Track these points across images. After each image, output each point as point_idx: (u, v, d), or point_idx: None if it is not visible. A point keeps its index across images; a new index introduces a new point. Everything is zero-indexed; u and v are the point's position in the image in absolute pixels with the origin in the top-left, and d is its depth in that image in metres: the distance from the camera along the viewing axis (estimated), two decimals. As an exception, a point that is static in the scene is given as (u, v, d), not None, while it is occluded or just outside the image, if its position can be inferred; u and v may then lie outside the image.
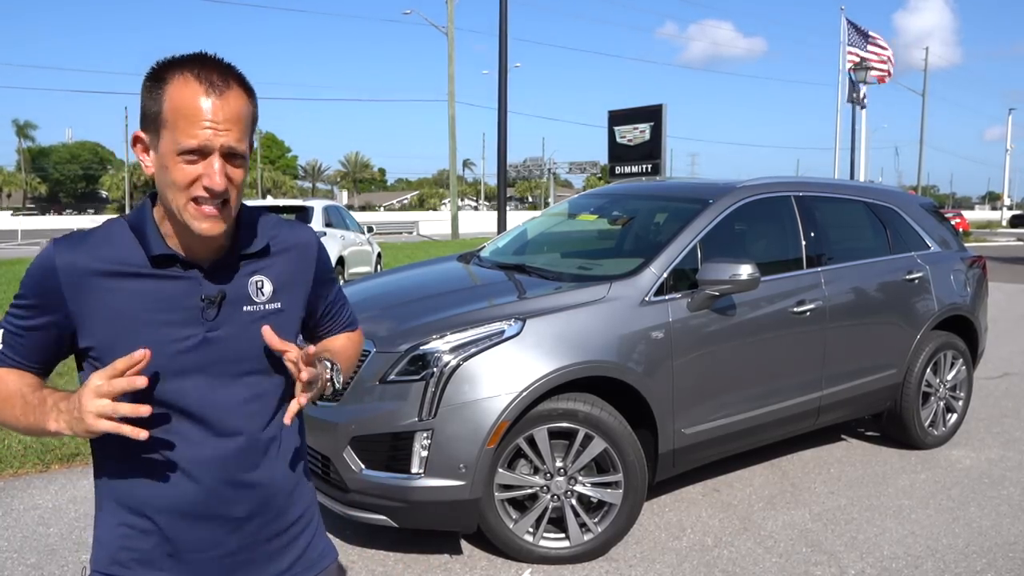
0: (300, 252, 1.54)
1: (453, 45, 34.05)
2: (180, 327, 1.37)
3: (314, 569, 1.56)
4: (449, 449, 3.27)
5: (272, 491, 1.48)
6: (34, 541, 3.72)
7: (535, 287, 4.05)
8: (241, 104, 1.32)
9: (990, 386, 6.85)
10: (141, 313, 1.35)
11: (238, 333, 1.41)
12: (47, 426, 1.29)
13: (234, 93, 1.30)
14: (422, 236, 38.41)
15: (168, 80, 1.29)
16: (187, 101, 1.27)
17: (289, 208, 12.77)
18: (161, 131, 1.29)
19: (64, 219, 48.07)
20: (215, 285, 1.40)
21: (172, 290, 1.37)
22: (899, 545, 3.77)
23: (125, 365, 1.24)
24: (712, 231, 4.17)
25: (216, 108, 1.27)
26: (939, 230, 5.56)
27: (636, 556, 3.63)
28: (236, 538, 1.44)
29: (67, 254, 1.34)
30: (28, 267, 1.37)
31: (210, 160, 1.28)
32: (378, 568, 3.50)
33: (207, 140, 1.27)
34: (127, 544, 1.41)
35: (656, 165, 21.27)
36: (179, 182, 1.29)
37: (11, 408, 1.35)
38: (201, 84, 1.27)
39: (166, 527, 1.40)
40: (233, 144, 1.29)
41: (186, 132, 1.27)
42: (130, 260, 1.36)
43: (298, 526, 1.54)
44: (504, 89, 17.57)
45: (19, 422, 1.35)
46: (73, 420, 1.25)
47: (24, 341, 1.38)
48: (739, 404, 4.12)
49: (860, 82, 28.53)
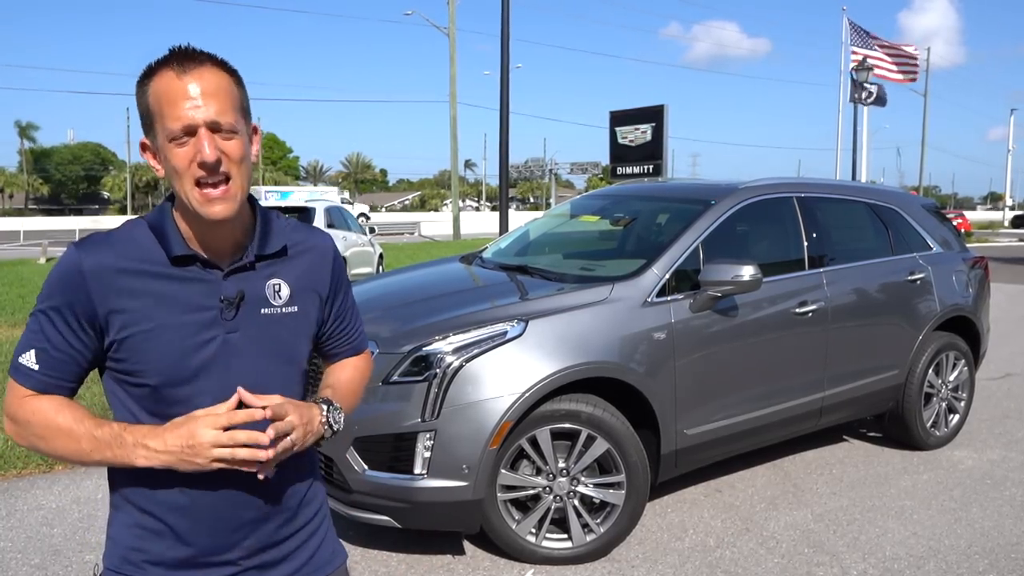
0: (317, 257, 1.54)
1: (455, 46, 34.11)
2: (201, 328, 1.37)
3: (325, 570, 1.57)
4: (452, 450, 3.27)
5: (285, 493, 1.49)
6: (38, 542, 3.73)
7: (537, 288, 4.05)
8: (217, 78, 1.33)
9: (992, 387, 6.84)
10: (164, 313, 1.35)
11: (256, 335, 1.42)
12: (134, 463, 1.31)
13: (207, 69, 1.32)
14: (424, 237, 38.40)
15: (151, 78, 1.32)
16: (164, 88, 1.30)
17: (291, 209, 12.79)
18: (155, 127, 1.32)
19: (66, 220, 48.18)
20: (234, 286, 1.40)
21: (193, 290, 1.37)
22: (901, 546, 3.78)
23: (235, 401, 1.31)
24: (714, 232, 4.17)
25: (191, 86, 1.30)
26: (941, 231, 5.56)
27: (638, 557, 3.63)
28: (251, 541, 1.45)
29: (92, 255, 1.34)
30: (50, 273, 1.36)
31: (198, 136, 1.30)
32: (381, 568, 3.51)
33: (189, 119, 1.29)
34: (140, 545, 1.41)
35: (658, 166, 21.25)
36: (178, 167, 1.31)
37: (74, 443, 1.33)
38: (174, 69, 1.30)
39: (182, 529, 1.40)
40: (215, 117, 1.30)
41: (170, 116, 1.29)
42: (152, 260, 1.36)
43: (310, 527, 1.55)
44: (506, 90, 17.57)
45: (86, 457, 1.33)
46: (183, 454, 1.29)
47: (60, 355, 1.35)
48: (741, 405, 4.12)
49: (863, 82, 28.49)
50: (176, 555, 1.41)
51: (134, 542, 1.42)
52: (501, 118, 17.61)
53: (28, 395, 1.36)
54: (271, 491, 1.45)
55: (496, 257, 5.01)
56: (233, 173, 1.33)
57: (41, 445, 1.36)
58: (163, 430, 1.31)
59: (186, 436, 1.28)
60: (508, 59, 17.60)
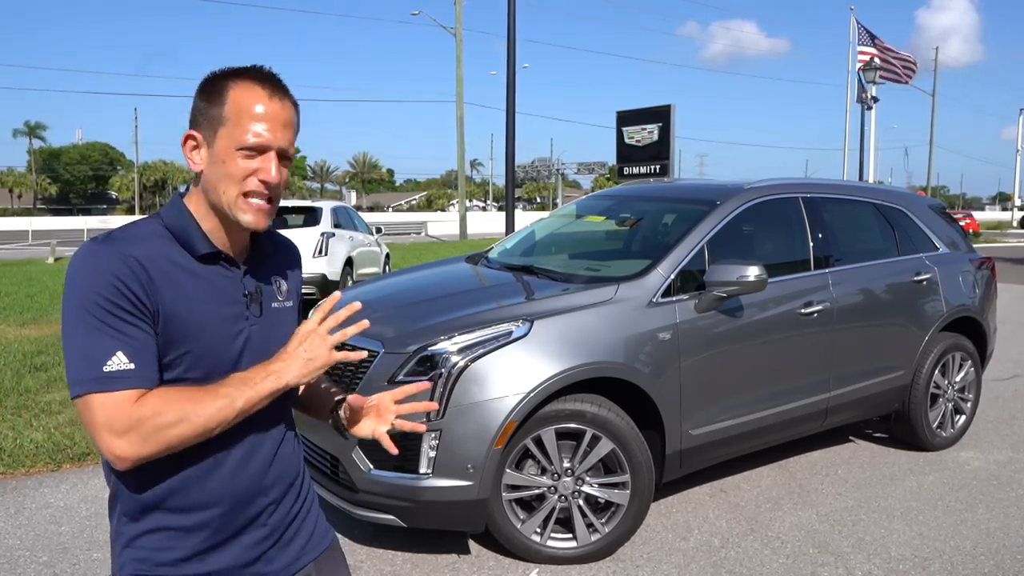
0: (293, 257, 1.66)
1: (461, 46, 34.09)
2: (233, 321, 1.44)
3: (323, 543, 1.65)
4: (457, 449, 3.28)
5: (295, 471, 1.59)
6: (46, 539, 3.76)
7: (543, 288, 4.06)
8: (293, 113, 1.44)
9: (999, 388, 6.82)
10: (205, 306, 1.40)
11: (269, 328, 1.50)
12: (276, 387, 1.38)
13: (289, 102, 1.44)
14: (430, 237, 38.44)
15: (231, 85, 1.39)
16: (253, 102, 1.38)
17: (297, 209, 12.81)
18: (219, 130, 1.38)
19: (75, 220, 48.39)
20: (251, 282, 1.49)
21: (223, 285, 1.44)
22: (907, 546, 3.77)
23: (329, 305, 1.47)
24: (720, 232, 4.17)
25: (276, 111, 1.40)
26: (947, 231, 5.55)
27: (643, 557, 3.64)
28: (274, 519, 1.52)
29: (130, 247, 1.33)
30: (83, 274, 1.29)
31: (267, 156, 1.40)
32: (386, 568, 3.52)
33: (267, 139, 1.39)
34: (170, 544, 1.41)
35: (664, 166, 21.20)
36: (236, 175, 1.38)
37: (213, 399, 1.32)
38: (264, 90, 1.40)
39: (217, 521, 1.43)
40: (286, 146, 1.42)
41: (250, 130, 1.37)
42: (180, 256, 1.40)
43: (308, 502, 1.64)
44: (512, 90, 17.57)
45: (231, 409, 1.33)
46: (306, 363, 1.39)
47: (143, 346, 1.31)
48: (746, 405, 4.12)
49: (870, 82, 28.42)
50: (207, 544, 1.44)
51: (160, 543, 1.41)
52: (508, 118, 17.61)
53: (139, 394, 1.29)
54: (287, 469, 1.55)
55: (502, 257, 5.02)
56: (275, 195, 1.44)
57: (180, 430, 1.30)
58: (273, 358, 1.41)
59: (302, 347, 1.40)
60: (515, 59, 17.60)
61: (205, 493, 1.41)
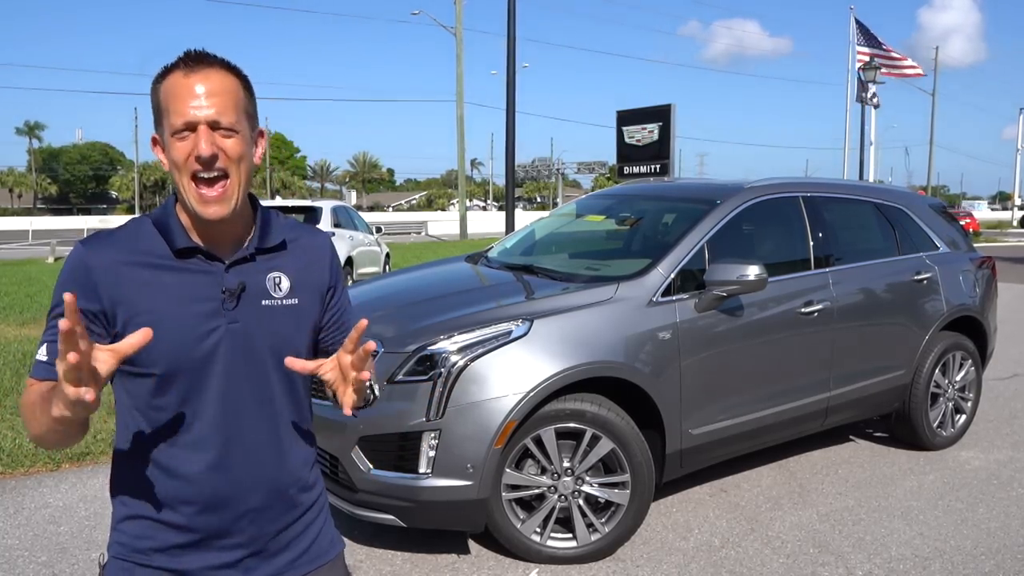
0: (316, 253, 1.59)
1: (461, 46, 34.10)
2: (204, 318, 1.41)
3: (323, 558, 1.59)
4: (457, 449, 3.28)
5: (285, 481, 1.52)
6: (45, 539, 3.75)
7: (543, 288, 4.06)
8: (223, 80, 1.39)
9: (999, 387, 6.82)
10: (167, 302, 1.39)
11: (256, 326, 1.46)
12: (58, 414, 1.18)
13: (214, 71, 1.39)
14: (431, 236, 38.44)
15: (164, 77, 1.39)
16: (173, 86, 1.37)
17: (298, 208, 12.80)
18: (163, 122, 1.39)
19: (75, 219, 48.40)
20: (235, 278, 1.45)
21: (196, 281, 1.42)
22: (907, 546, 3.77)
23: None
24: (720, 232, 4.17)
25: (197, 83, 1.36)
26: (948, 230, 5.54)
27: (643, 556, 3.64)
28: (253, 528, 1.48)
29: (96, 250, 1.40)
30: (59, 274, 1.40)
31: (198, 132, 1.36)
32: (386, 567, 3.52)
33: (191, 115, 1.35)
34: (148, 533, 1.44)
35: (664, 165, 21.19)
36: (177, 160, 1.37)
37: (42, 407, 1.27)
38: (182, 69, 1.38)
39: (189, 520, 1.43)
40: (216, 116, 1.36)
41: (174, 112, 1.36)
42: (155, 252, 1.41)
43: (308, 516, 1.58)
44: (512, 89, 17.56)
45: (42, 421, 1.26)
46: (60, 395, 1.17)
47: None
48: (746, 405, 4.12)
49: (870, 81, 28.41)
50: (180, 541, 1.44)
51: (140, 531, 1.45)
52: (508, 118, 17.61)
53: (33, 383, 1.36)
54: (273, 479, 1.50)
55: (502, 257, 5.01)
56: (231, 171, 1.39)
57: (29, 427, 1.32)
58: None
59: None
60: (515, 59, 17.60)
61: (177, 489, 1.42)
